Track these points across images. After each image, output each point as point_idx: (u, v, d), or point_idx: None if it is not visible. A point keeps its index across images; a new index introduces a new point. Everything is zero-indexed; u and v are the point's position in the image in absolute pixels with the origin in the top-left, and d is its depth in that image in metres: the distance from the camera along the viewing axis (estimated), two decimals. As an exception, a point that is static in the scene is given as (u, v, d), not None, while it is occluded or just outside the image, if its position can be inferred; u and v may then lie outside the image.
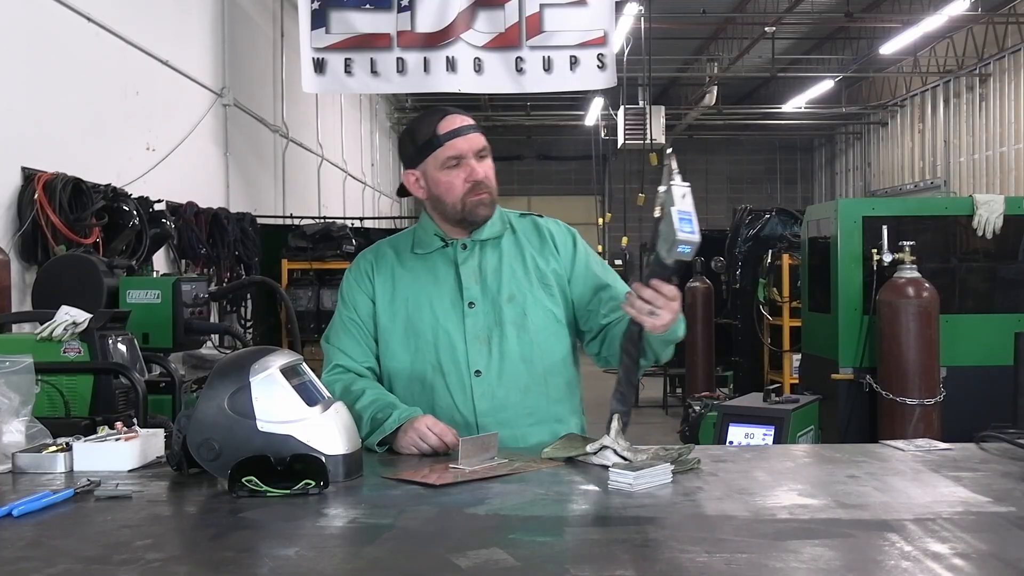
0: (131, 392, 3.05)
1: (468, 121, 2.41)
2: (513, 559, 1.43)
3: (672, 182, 1.98)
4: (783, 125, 23.69)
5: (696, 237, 1.95)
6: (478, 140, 2.39)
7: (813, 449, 2.50)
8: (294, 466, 1.84)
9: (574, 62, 7.74)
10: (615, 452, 2.03)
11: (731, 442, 4.49)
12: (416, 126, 2.45)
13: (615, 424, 2.08)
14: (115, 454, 2.05)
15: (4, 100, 5.18)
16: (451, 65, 7.71)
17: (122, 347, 3.29)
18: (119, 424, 2.17)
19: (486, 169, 2.39)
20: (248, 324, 8.71)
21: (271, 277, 6.82)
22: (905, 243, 5.20)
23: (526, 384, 2.37)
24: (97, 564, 1.45)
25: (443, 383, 2.36)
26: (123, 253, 5.59)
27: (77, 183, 5.37)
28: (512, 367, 2.36)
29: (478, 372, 2.35)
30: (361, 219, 11.32)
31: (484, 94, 17.04)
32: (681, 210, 1.95)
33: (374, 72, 7.77)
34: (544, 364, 2.39)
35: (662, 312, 2.07)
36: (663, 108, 17.34)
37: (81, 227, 5.31)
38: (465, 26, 7.68)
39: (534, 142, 24.89)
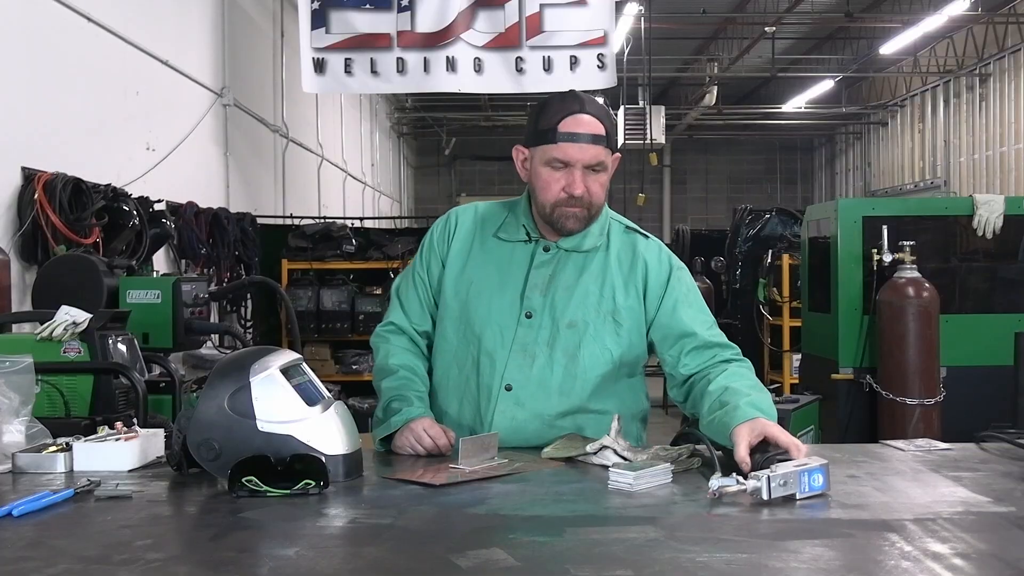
0: (131, 392, 3.05)
1: (595, 129, 2.20)
2: (513, 559, 1.43)
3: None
4: (783, 125, 23.68)
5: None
6: (594, 153, 2.19)
7: (813, 449, 2.50)
8: (294, 466, 1.84)
9: (574, 62, 7.74)
10: (615, 452, 2.03)
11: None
12: (547, 107, 2.25)
13: (615, 424, 2.08)
14: (115, 454, 2.05)
15: (4, 100, 5.18)
16: (451, 65, 7.71)
17: (122, 347, 3.29)
18: (119, 424, 2.17)
19: (592, 184, 2.21)
20: (248, 324, 8.70)
21: (271, 277, 6.82)
22: (905, 243, 5.20)
23: (552, 420, 2.24)
24: (97, 564, 1.45)
25: (475, 382, 2.28)
26: (123, 253, 5.59)
27: (77, 183, 5.37)
28: (544, 396, 2.24)
29: (508, 387, 2.25)
30: (361, 219, 11.31)
31: (484, 94, 17.04)
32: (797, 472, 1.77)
33: (374, 72, 7.77)
34: (583, 402, 2.25)
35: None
36: (663, 108, 17.33)
37: (81, 227, 5.31)
38: (465, 26, 7.68)
39: (534, 142, 24.83)
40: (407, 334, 2.40)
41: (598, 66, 7.73)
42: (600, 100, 2.39)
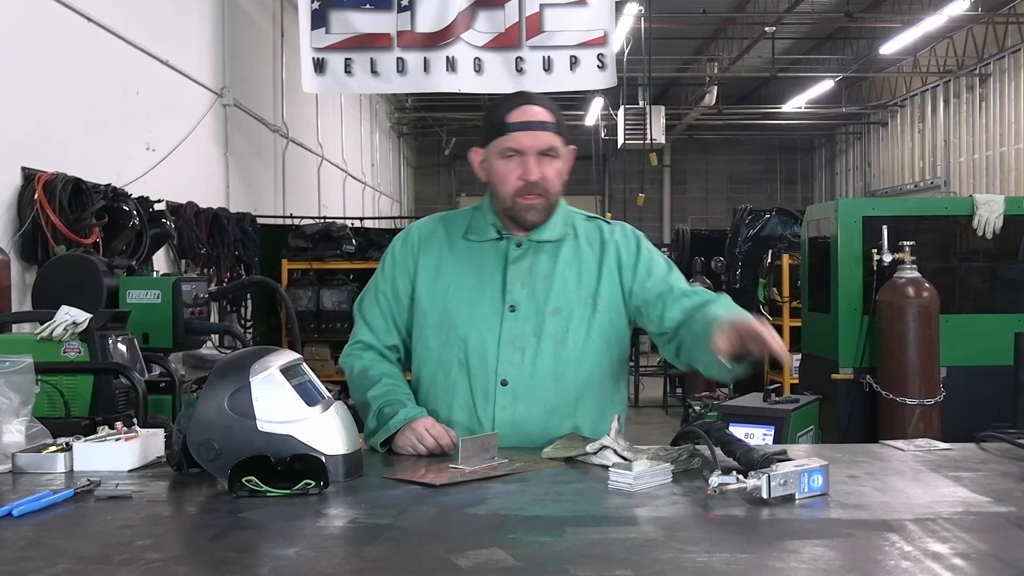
0: (131, 392, 3.06)
1: (543, 116, 2.27)
2: (513, 559, 1.43)
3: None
4: (783, 125, 23.67)
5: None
6: (545, 139, 2.26)
7: (813, 449, 2.50)
8: (294, 466, 1.84)
9: (574, 62, 7.74)
10: (615, 452, 2.03)
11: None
12: (496, 105, 2.35)
13: (615, 424, 2.08)
14: (115, 454, 2.05)
15: (4, 100, 5.18)
16: (451, 65, 7.71)
17: (122, 347, 3.30)
18: (119, 424, 2.17)
19: (546, 170, 2.27)
20: (248, 324, 8.71)
21: (271, 277, 6.82)
22: (905, 243, 5.20)
23: (553, 404, 2.28)
24: (97, 564, 1.45)
25: (467, 384, 2.30)
26: (123, 253, 5.59)
27: (77, 183, 5.37)
28: (541, 383, 2.28)
29: (504, 382, 2.27)
30: (361, 219, 11.32)
31: (484, 94, 17.04)
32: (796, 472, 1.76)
33: (374, 72, 7.77)
34: (577, 385, 2.30)
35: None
36: (663, 108, 17.32)
37: (81, 227, 5.31)
38: (465, 26, 7.68)
39: (534, 142, 24.85)
40: (375, 349, 2.41)
41: (598, 66, 7.73)
42: (600, 100, 2.42)
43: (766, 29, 16.08)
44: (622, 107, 15.85)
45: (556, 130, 2.28)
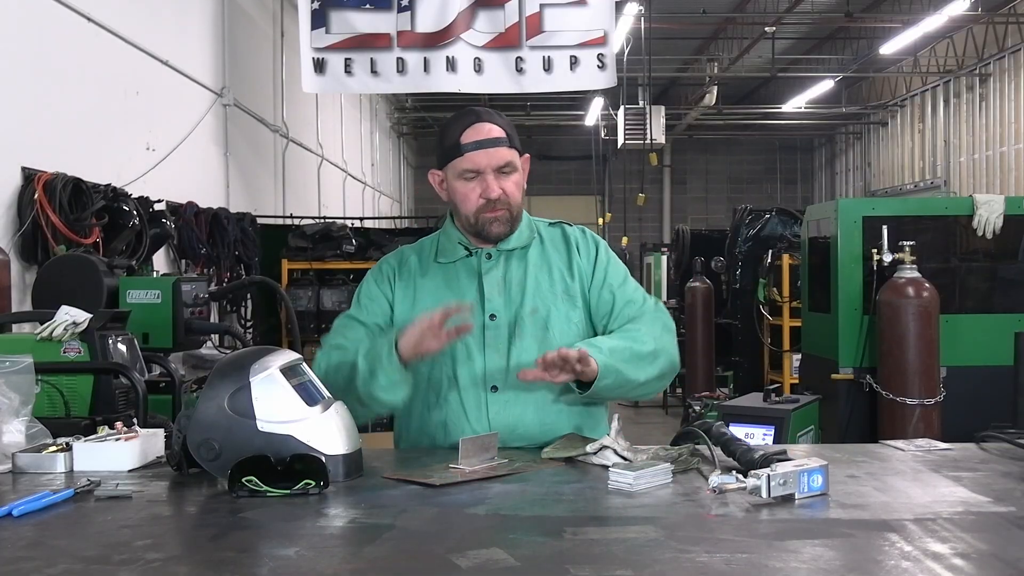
0: (131, 392, 3.06)
1: (496, 132, 2.30)
2: (513, 559, 1.43)
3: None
4: (783, 125, 23.67)
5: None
6: (500, 155, 2.29)
7: (813, 449, 2.50)
8: (294, 466, 1.84)
9: (574, 62, 7.74)
10: (615, 452, 2.03)
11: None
12: (448, 126, 2.36)
13: (615, 424, 2.09)
14: (115, 454, 2.05)
15: (4, 100, 5.18)
16: (451, 65, 7.71)
17: (122, 347, 3.30)
18: (119, 424, 2.17)
19: (506, 185, 2.31)
20: (248, 324, 8.71)
21: (271, 277, 6.82)
22: (905, 243, 5.20)
23: (544, 401, 2.30)
24: (97, 564, 1.45)
25: (458, 397, 2.31)
26: (123, 253, 5.59)
27: (77, 183, 5.37)
28: (529, 383, 2.27)
29: (495, 387, 2.30)
30: (361, 219, 11.32)
31: (484, 94, 17.04)
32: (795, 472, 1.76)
33: (374, 72, 7.77)
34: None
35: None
36: (663, 108, 17.32)
37: (81, 227, 5.31)
38: (465, 26, 7.68)
39: (534, 142, 24.86)
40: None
41: (598, 66, 7.73)
42: (600, 100, 2.41)
43: (766, 29, 16.09)
44: (622, 107, 15.85)
45: (510, 144, 2.32)
